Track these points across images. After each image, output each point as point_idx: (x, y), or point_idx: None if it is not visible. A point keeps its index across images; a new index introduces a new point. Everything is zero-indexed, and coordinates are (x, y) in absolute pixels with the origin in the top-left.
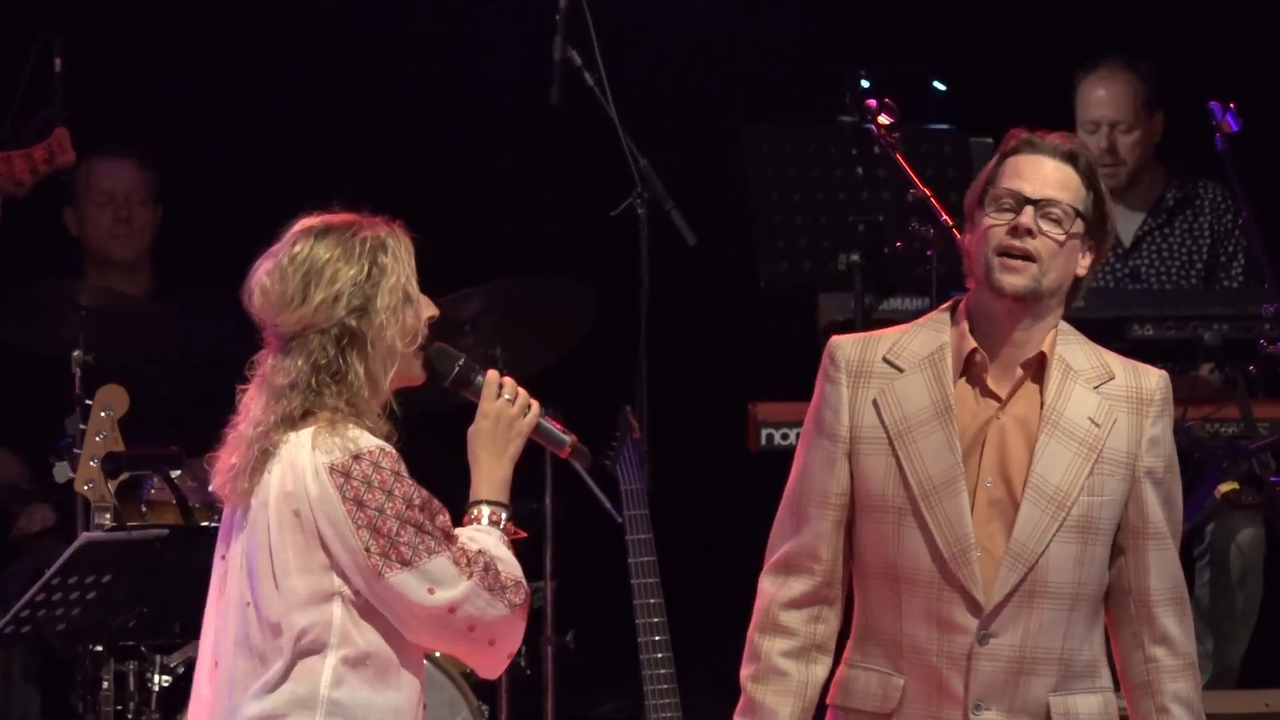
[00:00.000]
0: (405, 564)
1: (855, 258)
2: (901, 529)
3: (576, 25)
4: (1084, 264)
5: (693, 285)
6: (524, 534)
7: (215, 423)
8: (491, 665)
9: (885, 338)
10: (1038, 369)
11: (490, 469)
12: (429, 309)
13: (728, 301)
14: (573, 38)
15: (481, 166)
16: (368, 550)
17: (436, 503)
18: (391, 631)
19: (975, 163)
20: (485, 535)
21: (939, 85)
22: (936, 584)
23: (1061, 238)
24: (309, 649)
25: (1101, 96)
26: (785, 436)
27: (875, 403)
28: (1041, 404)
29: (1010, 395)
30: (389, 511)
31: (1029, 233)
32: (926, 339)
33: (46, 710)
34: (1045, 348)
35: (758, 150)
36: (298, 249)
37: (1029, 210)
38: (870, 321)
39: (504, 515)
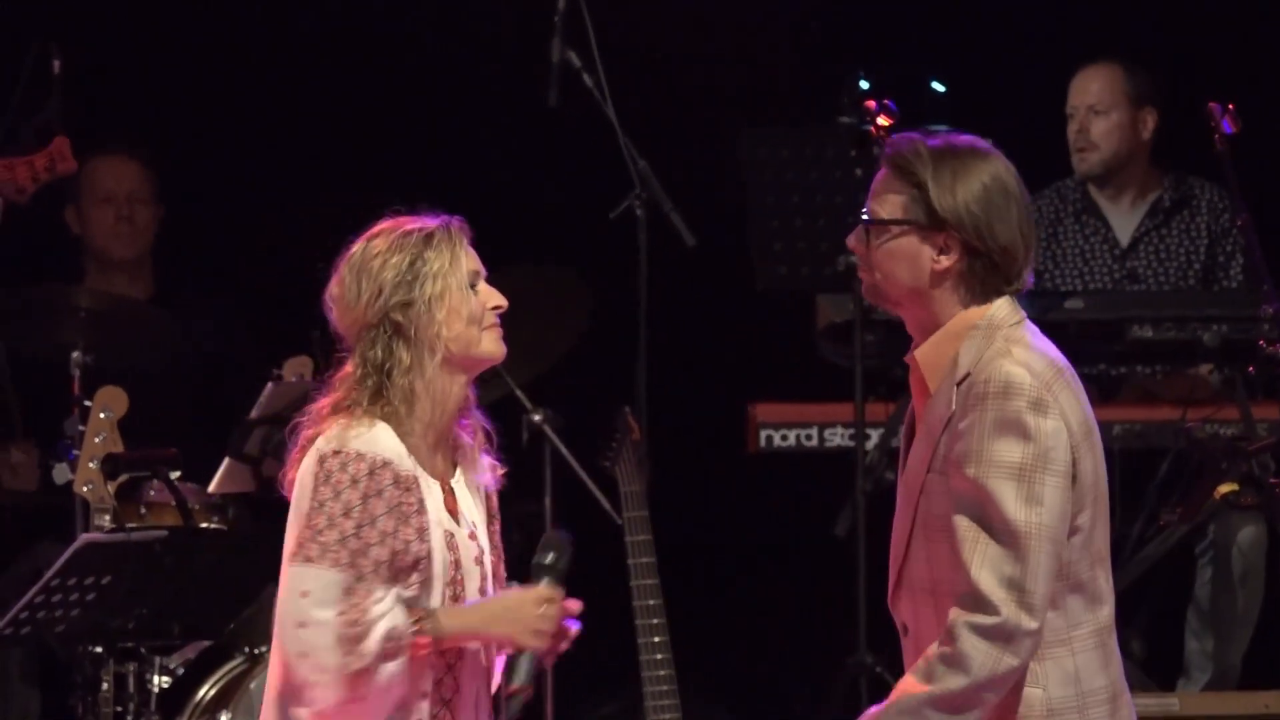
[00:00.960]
0: (308, 560)
1: (853, 259)
2: None
3: (575, 27)
4: (940, 259)
5: (691, 286)
6: (423, 648)
7: (214, 424)
8: (308, 700)
9: None
10: (918, 371)
11: (475, 616)
12: (495, 298)
13: (727, 303)
14: (571, 39)
15: (480, 168)
16: (295, 535)
17: (389, 544)
18: None
19: None
20: (389, 612)
21: (938, 86)
22: None
23: (871, 245)
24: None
25: (1081, 84)
26: (784, 438)
27: None
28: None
29: (917, 397)
30: (327, 509)
31: (855, 250)
32: None
33: (46, 712)
34: (926, 352)
35: (756, 152)
36: (354, 252)
37: (856, 230)
38: (868, 324)
39: (428, 639)
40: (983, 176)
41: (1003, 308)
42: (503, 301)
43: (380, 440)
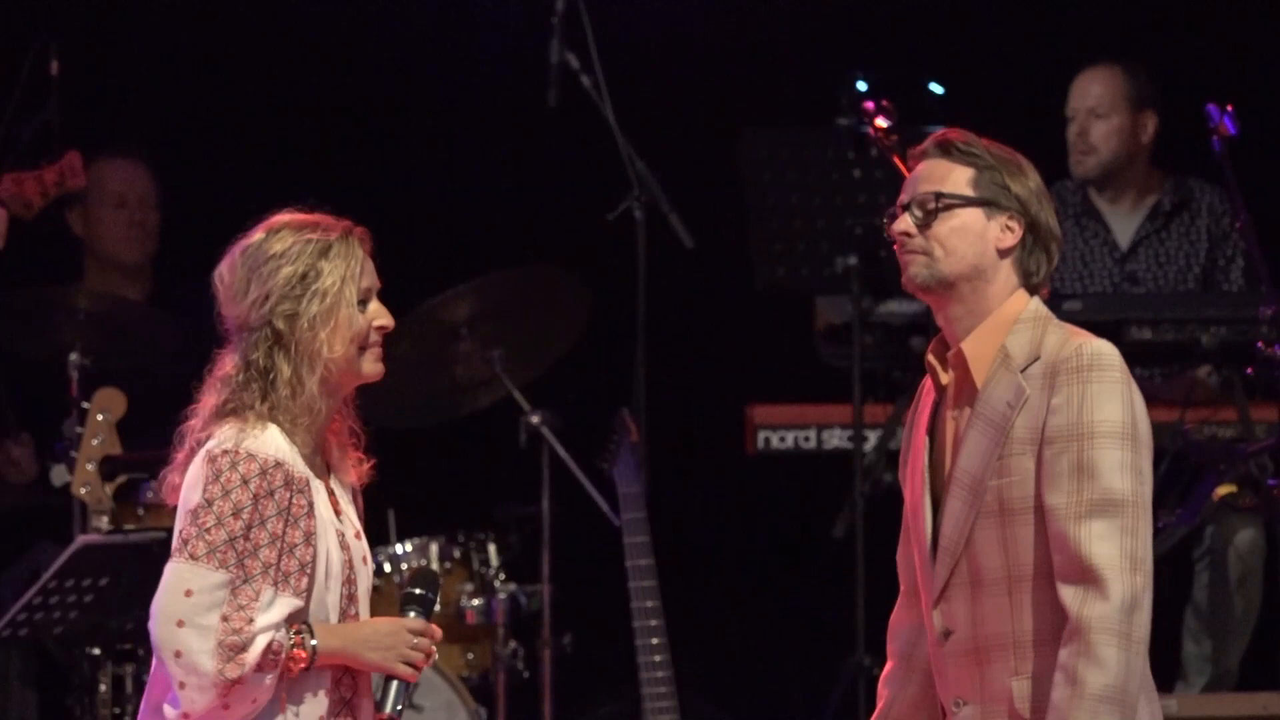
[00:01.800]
0: (193, 558)
1: (852, 260)
2: None
3: (573, 28)
4: (1002, 237)
5: (690, 288)
6: (302, 664)
7: None
8: (175, 701)
9: None
10: (963, 364)
11: (349, 638)
12: (382, 318)
13: (725, 304)
14: (570, 40)
15: (479, 169)
16: (180, 533)
17: (277, 548)
18: None
19: None
20: (273, 627)
21: (936, 87)
22: (921, 589)
23: (937, 220)
24: None
25: (1082, 87)
26: (782, 439)
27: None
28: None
29: (957, 391)
30: (216, 508)
31: (907, 234)
32: None
33: (44, 713)
34: (974, 344)
35: (755, 153)
36: (251, 242)
37: (904, 216)
38: (867, 325)
39: (305, 654)
40: (1034, 173)
41: (1037, 303)
42: (389, 323)
43: (272, 442)
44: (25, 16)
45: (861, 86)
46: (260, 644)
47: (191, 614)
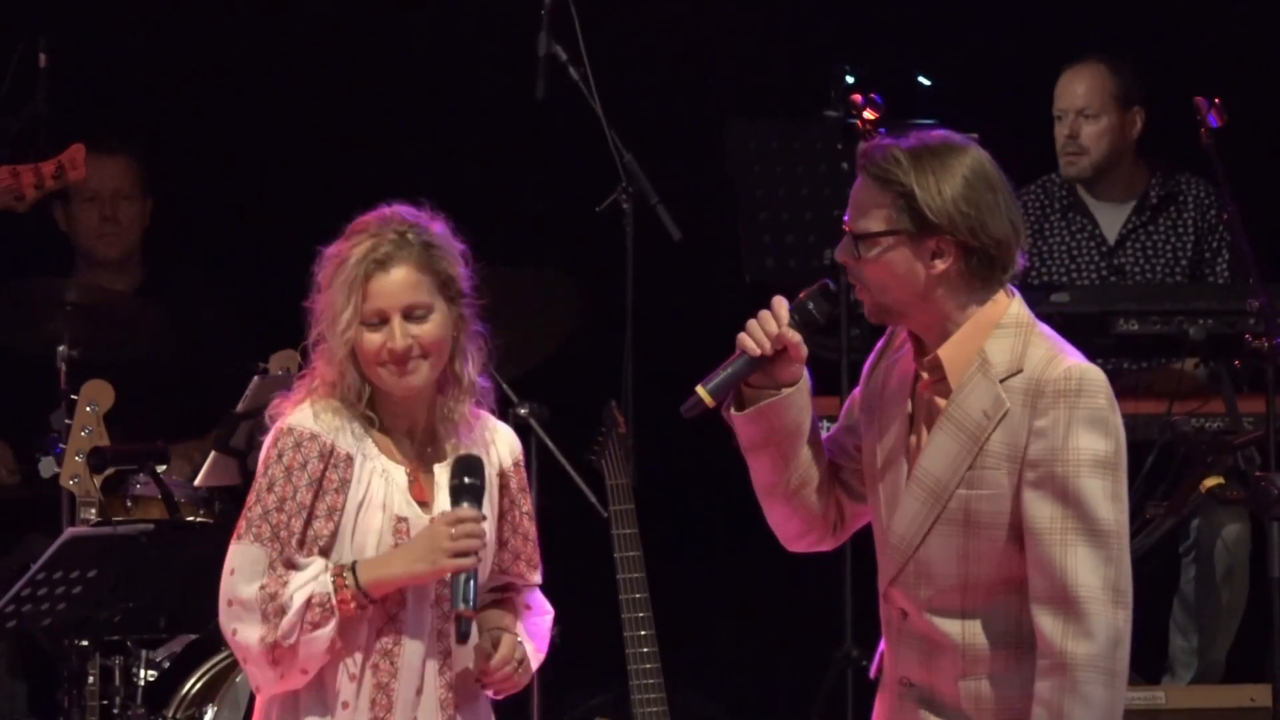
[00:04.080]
0: (238, 537)
1: (829, 255)
2: None
3: (561, 20)
4: (936, 263)
5: (678, 280)
6: (353, 604)
7: (200, 417)
8: (250, 678)
9: None
10: (939, 368)
11: (389, 561)
12: (391, 342)
13: (713, 296)
14: (557, 33)
15: (466, 162)
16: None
17: (304, 519)
18: None
19: None
20: (309, 580)
21: (924, 80)
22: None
23: (861, 259)
24: None
25: (1069, 86)
26: None
27: None
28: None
29: (928, 391)
30: (257, 485)
31: (846, 264)
32: None
33: (32, 705)
34: (952, 350)
35: (743, 145)
36: (343, 239)
37: (843, 243)
38: (854, 317)
39: (349, 592)
40: (964, 171)
41: (1019, 306)
42: (396, 346)
43: (319, 416)
44: (13, 10)
45: (849, 79)
46: (298, 600)
47: (236, 590)
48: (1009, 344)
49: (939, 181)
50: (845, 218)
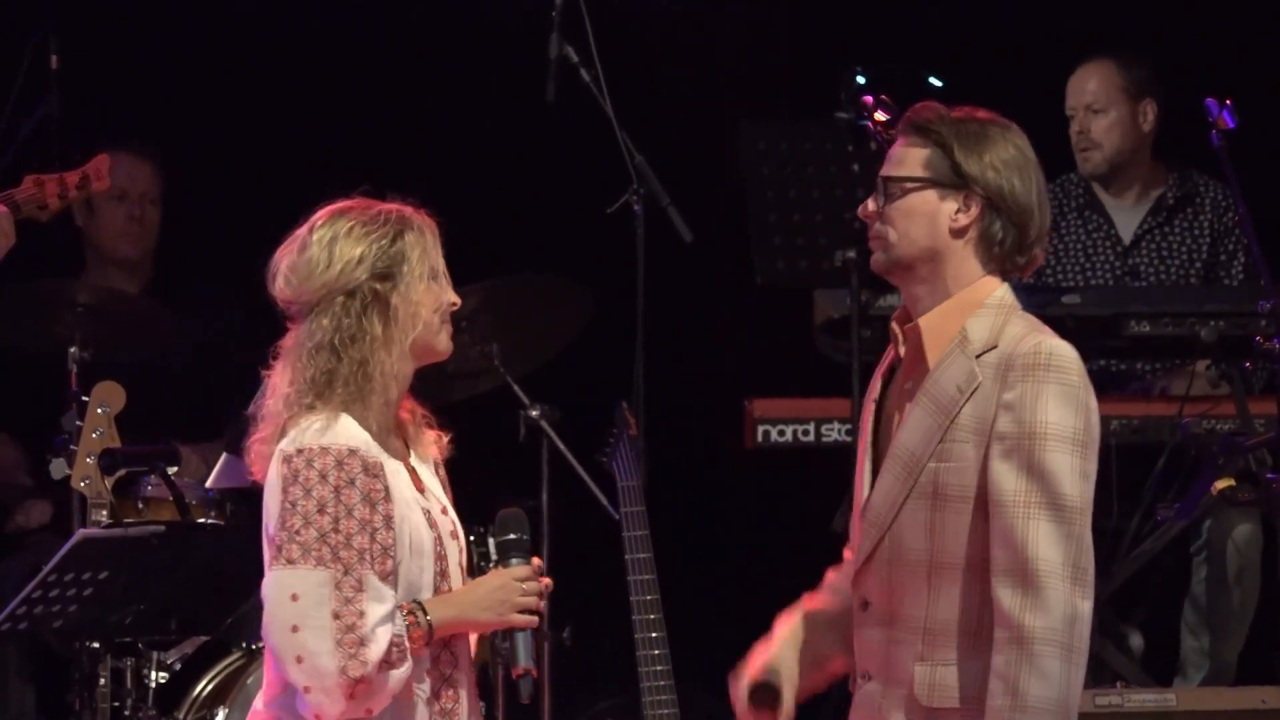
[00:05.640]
0: (290, 562)
1: (851, 254)
2: None
3: (572, 22)
4: (959, 216)
5: (689, 282)
6: (422, 643)
7: (211, 418)
8: (304, 705)
9: None
10: (918, 340)
11: (458, 605)
12: (452, 295)
13: (724, 298)
14: (569, 34)
15: (477, 163)
16: (273, 540)
17: (368, 534)
18: None
19: None
20: (388, 617)
21: (935, 81)
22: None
23: (890, 203)
24: None
25: (1079, 83)
26: (781, 433)
27: None
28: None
29: (910, 365)
30: (300, 510)
31: (869, 217)
32: None
33: (43, 708)
34: (933, 320)
35: (754, 147)
36: (320, 222)
37: (870, 199)
38: (866, 319)
39: (421, 632)
40: (1004, 140)
41: (1005, 291)
42: (458, 300)
43: (344, 431)
44: (24, 9)
45: (860, 80)
46: (383, 640)
47: (303, 617)
48: (989, 322)
49: (978, 142)
50: (880, 174)
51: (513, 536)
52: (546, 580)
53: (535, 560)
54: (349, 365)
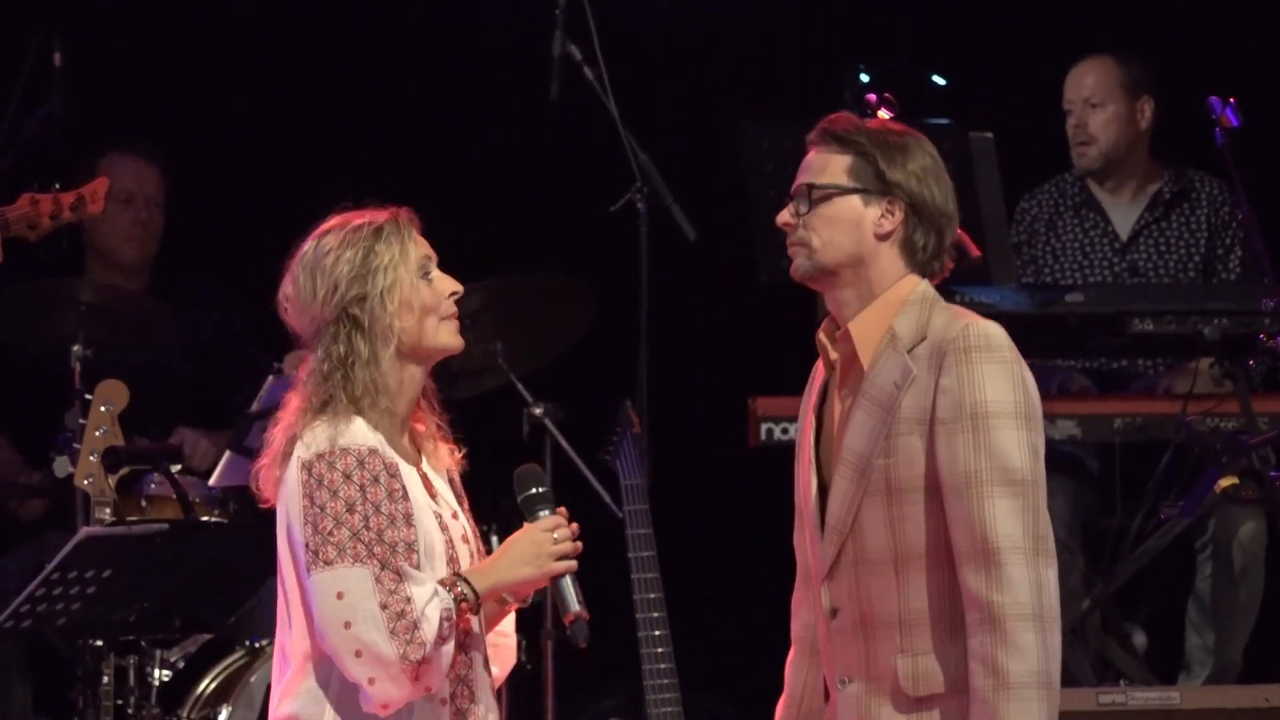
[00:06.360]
0: (329, 564)
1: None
2: None
3: (576, 20)
4: (883, 221)
5: (693, 280)
6: (468, 625)
7: (213, 416)
8: (368, 699)
9: None
10: (850, 345)
11: (496, 569)
12: (449, 285)
13: (728, 296)
14: (572, 33)
15: (481, 162)
16: (306, 545)
17: (398, 528)
18: None
19: (974, 158)
20: (433, 595)
21: (938, 80)
22: (811, 567)
23: (812, 210)
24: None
25: (1077, 79)
26: (785, 431)
27: None
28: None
29: (844, 372)
30: (329, 512)
31: (788, 226)
32: None
33: (46, 706)
34: (863, 324)
35: (756, 145)
36: (305, 250)
37: (785, 208)
38: None
39: (469, 604)
40: (922, 152)
41: (926, 285)
42: (458, 287)
43: (360, 432)
44: (29, 8)
45: (863, 79)
46: (434, 618)
47: (353, 611)
48: (914, 318)
49: (899, 151)
50: (798, 182)
51: (534, 491)
52: (574, 525)
53: (560, 510)
54: (347, 387)
